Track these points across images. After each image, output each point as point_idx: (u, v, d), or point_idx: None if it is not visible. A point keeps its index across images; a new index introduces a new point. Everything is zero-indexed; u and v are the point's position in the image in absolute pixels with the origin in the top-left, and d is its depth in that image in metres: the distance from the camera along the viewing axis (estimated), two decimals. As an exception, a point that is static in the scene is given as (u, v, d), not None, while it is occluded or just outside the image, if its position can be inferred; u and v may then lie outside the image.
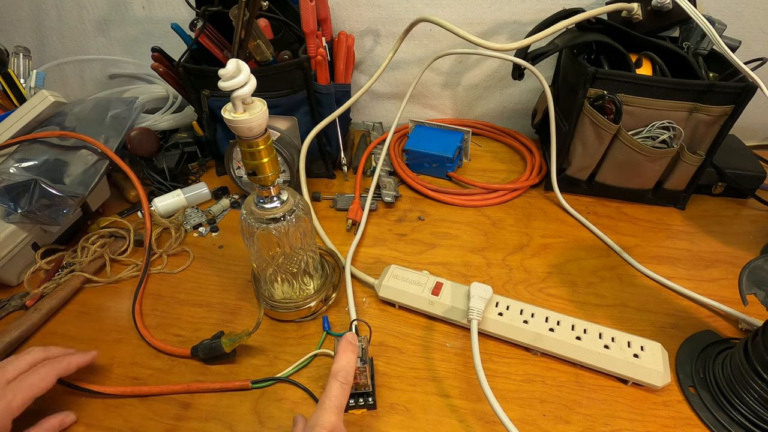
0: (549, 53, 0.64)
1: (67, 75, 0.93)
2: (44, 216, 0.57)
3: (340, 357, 0.40)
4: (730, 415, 0.43)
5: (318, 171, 0.76)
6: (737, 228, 0.65)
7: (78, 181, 0.61)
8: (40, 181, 0.57)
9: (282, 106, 0.66)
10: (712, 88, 0.56)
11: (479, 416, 0.45)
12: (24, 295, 0.57)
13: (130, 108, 0.72)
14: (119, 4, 0.83)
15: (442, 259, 0.62)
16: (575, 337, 0.47)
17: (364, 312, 0.55)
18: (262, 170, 0.43)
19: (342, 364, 0.39)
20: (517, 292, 0.57)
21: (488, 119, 0.87)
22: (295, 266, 0.51)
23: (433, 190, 0.71)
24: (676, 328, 0.52)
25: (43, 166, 0.61)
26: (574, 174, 0.68)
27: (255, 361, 0.50)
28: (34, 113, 0.65)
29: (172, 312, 0.56)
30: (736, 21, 0.67)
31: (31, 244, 0.60)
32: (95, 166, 0.64)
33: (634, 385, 0.46)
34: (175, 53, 0.69)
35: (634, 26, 0.63)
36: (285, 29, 0.68)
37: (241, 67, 0.37)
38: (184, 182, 0.75)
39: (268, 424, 0.45)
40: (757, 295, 0.40)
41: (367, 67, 0.84)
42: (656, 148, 0.60)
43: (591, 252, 0.62)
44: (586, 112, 0.61)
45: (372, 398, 0.45)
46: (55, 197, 0.58)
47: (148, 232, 0.62)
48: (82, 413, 0.46)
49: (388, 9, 0.76)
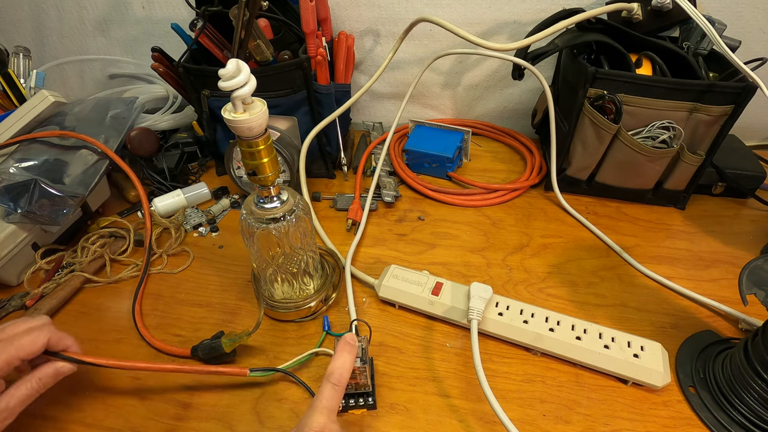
0: (549, 53, 0.64)
1: (67, 75, 0.93)
2: (44, 216, 0.57)
3: (337, 357, 0.39)
4: (730, 415, 0.43)
5: (318, 171, 0.76)
6: (737, 228, 0.65)
7: (78, 181, 0.61)
8: (39, 181, 0.57)
9: (282, 106, 0.66)
10: (712, 88, 0.56)
11: (479, 416, 0.45)
12: (24, 295, 0.57)
13: (130, 108, 0.72)
14: (119, 4, 0.83)
15: (442, 259, 0.62)
16: (575, 337, 0.47)
17: (364, 312, 0.55)
18: (262, 170, 0.43)
19: (337, 365, 0.39)
20: (517, 292, 0.57)
21: (488, 119, 0.87)
22: (295, 266, 0.51)
23: (433, 190, 0.71)
24: (676, 328, 0.52)
25: (43, 166, 0.61)
26: (574, 174, 0.68)
27: (255, 361, 0.50)
28: (34, 113, 0.65)
29: (172, 312, 0.56)
30: (736, 21, 0.67)
31: (31, 244, 0.60)
32: (95, 166, 0.64)
33: (634, 385, 0.46)
34: (175, 53, 0.69)
35: (634, 26, 0.63)
36: (285, 29, 0.68)
37: (241, 67, 0.37)
38: (184, 182, 0.75)
39: (268, 424, 0.45)
40: (757, 295, 0.40)
41: (367, 67, 0.84)
42: (656, 148, 0.60)
43: (591, 252, 0.62)
44: (586, 112, 0.61)
45: (372, 398, 0.45)
46: (55, 197, 0.57)
47: (148, 232, 0.62)
48: (81, 413, 0.46)
49: (388, 9, 0.76)
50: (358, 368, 0.42)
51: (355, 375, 0.43)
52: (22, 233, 0.58)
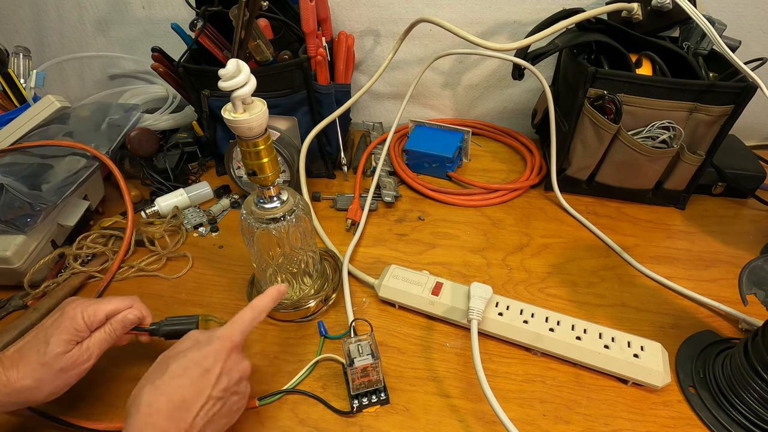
0: (549, 53, 0.64)
1: (67, 75, 0.93)
2: (10, 221, 0.57)
3: (264, 295, 0.44)
4: (730, 415, 0.43)
5: (318, 171, 0.76)
6: (737, 228, 0.65)
7: (55, 189, 0.60)
8: (7, 186, 0.57)
9: (282, 106, 0.66)
10: (712, 88, 0.56)
11: (479, 416, 0.45)
12: (24, 295, 0.57)
13: (128, 115, 0.72)
14: (119, 4, 0.83)
15: (442, 259, 0.62)
16: (575, 337, 0.47)
17: (365, 312, 0.55)
18: (262, 170, 0.43)
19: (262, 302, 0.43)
20: (517, 292, 0.57)
21: (488, 119, 0.87)
22: (295, 266, 0.51)
23: (433, 190, 0.71)
24: (676, 328, 0.52)
25: (27, 171, 0.61)
26: (574, 174, 0.68)
27: (255, 361, 0.50)
28: (39, 119, 0.66)
29: (172, 312, 0.56)
30: (736, 21, 0.67)
31: (51, 241, 0.61)
32: (77, 174, 0.63)
33: (634, 385, 0.46)
34: (175, 53, 0.69)
35: (634, 26, 0.63)
36: (285, 29, 0.68)
37: (241, 67, 0.37)
38: (184, 182, 0.75)
39: (268, 424, 0.45)
40: (757, 295, 0.40)
41: (367, 67, 0.84)
42: (656, 148, 0.60)
43: (591, 252, 0.62)
44: (586, 112, 0.61)
45: (384, 393, 0.46)
46: (24, 203, 0.57)
47: (127, 237, 0.62)
48: (81, 413, 0.46)
49: (388, 9, 0.76)
50: (370, 365, 0.42)
51: (367, 372, 0.44)
52: (42, 231, 0.59)
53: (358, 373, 0.44)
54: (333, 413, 0.45)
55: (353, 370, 0.44)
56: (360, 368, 0.43)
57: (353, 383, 0.45)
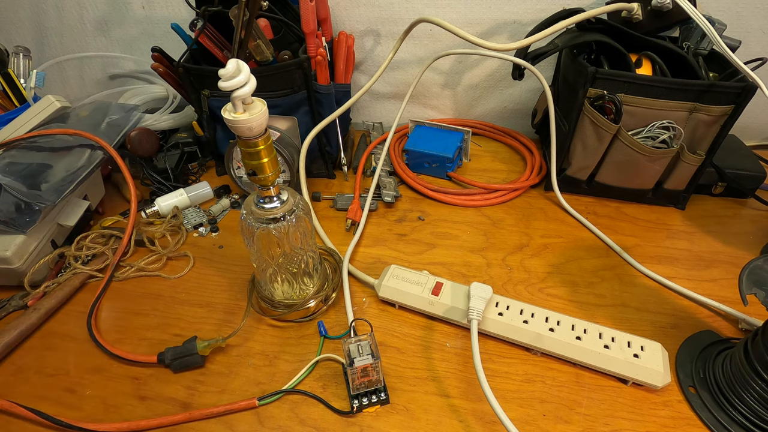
0: (549, 53, 0.64)
1: (67, 75, 0.93)
2: (9, 220, 0.57)
3: None
4: (730, 415, 0.43)
5: (318, 171, 0.76)
6: (737, 228, 0.65)
7: (54, 188, 0.60)
8: (6, 186, 0.56)
9: (282, 106, 0.66)
10: (712, 88, 0.56)
11: (479, 416, 0.45)
12: (24, 295, 0.57)
13: (128, 115, 0.72)
14: (119, 4, 0.83)
15: (442, 259, 0.62)
16: (575, 337, 0.47)
17: (365, 312, 0.55)
18: (262, 170, 0.43)
19: None
20: (517, 292, 0.57)
21: (488, 119, 0.87)
22: (295, 266, 0.51)
23: (433, 190, 0.71)
24: (676, 328, 0.52)
25: (26, 170, 0.60)
26: (574, 174, 0.68)
27: (255, 361, 0.50)
28: (39, 118, 0.66)
29: (172, 312, 0.56)
30: (736, 21, 0.67)
31: (50, 241, 0.61)
32: (77, 173, 0.63)
33: (634, 385, 0.46)
34: (175, 53, 0.69)
35: (634, 26, 0.63)
36: (285, 29, 0.68)
37: (241, 67, 0.37)
38: (184, 182, 0.75)
39: (268, 424, 0.45)
40: (757, 295, 0.40)
41: (367, 67, 0.84)
42: (656, 148, 0.60)
43: (591, 252, 0.62)
44: (586, 112, 0.61)
45: (385, 393, 0.46)
46: (21, 203, 0.57)
47: (126, 236, 0.62)
48: (81, 413, 0.46)
49: (388, 9, 0.76)
50: (370, 365, 0.42)
51: (367, 372, 0.44)
52: (42, 231, 0.59)
53: (358, 373, 0.44)
54: (333, 413, 0.45)
55: (353, 370, 0.44)
56: (360, 368, 0.43)
57: (353, 383, 0.45)
